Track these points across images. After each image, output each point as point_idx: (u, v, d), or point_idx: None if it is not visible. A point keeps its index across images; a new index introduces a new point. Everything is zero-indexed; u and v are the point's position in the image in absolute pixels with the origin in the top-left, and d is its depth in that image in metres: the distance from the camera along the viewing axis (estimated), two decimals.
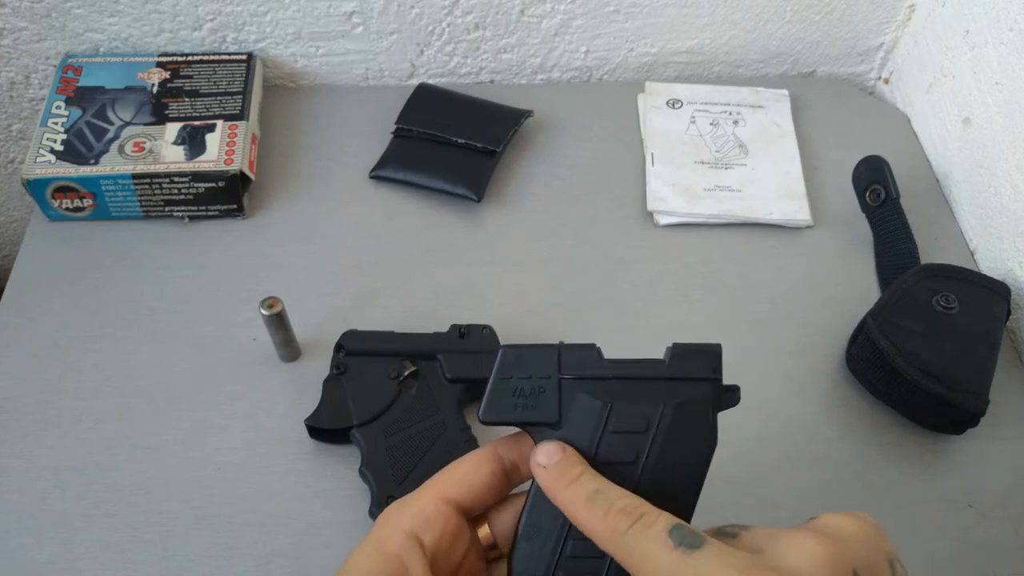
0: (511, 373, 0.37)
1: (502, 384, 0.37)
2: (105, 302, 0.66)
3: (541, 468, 0.35)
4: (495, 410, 0.37)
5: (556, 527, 0.35)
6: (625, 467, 0.35)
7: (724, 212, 0.74)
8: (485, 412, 0.37)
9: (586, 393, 0.36)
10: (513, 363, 0.37)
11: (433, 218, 0.73)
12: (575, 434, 0.36)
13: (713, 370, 0.37)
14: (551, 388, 0.37)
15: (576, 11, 0.80)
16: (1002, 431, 0.62)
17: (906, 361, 0.59)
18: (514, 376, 0.37)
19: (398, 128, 0.77)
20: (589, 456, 0.36)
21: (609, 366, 0.37)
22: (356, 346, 0.61)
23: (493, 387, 0.37)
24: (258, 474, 0.58)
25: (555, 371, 0.37)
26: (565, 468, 0.35)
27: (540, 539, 0.36)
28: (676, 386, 0.36)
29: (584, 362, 0.37)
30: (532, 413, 0.36)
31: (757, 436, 0.61)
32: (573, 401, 0.36)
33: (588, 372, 0.37)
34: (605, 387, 0.36)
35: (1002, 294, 0.64)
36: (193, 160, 0.69)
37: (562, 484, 0.34)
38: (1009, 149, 0.69)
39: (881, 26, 0.85)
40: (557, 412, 0.36)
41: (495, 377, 0.37)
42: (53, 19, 0.75)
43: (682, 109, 0.81)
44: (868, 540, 0.32)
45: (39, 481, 0.57)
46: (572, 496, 0.34)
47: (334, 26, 0.78)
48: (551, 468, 0.35)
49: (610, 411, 0.36)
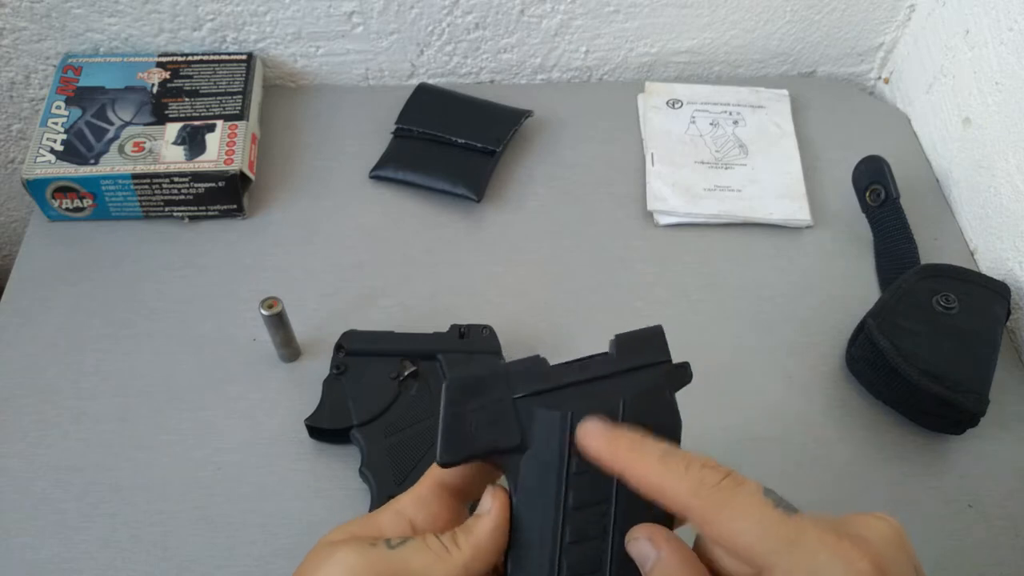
0: (461, 406, 0.34)
1: (454, 420, 0.34)
2: (105, 302, 0.66)
3: (597, 436, 0.33)
4: (453, 448, 0.34)
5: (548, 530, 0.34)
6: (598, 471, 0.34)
7: (724, 212, 0.74)
8: (443, 453, 0.34)
9: (543, 407, 0.35)
10: (460, 394, 0.35)
11: (433, 218, 0.73)
12: (541, 450, 0.34)
13: (661, 353, 0.36)
14: (506, 411, 0.35)
15: (576, 11, 0.80)
16: (1002, 431, 0.62)
17: (906, 361, 0.59)
18: (464, 407, 0.34)
19: (398, 128, 0.77)
20: (561, 471, 0.34)
21: (559, 374, 0.35)
22: (356, 346, 0.61)
23: (446, 424, 0.34)
24: (258, 474, 0.58)
25: (506, 393, 0.35)
26: (617, 435, 0.33)
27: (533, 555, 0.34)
28: (630, 377, 0.35)
29: (533, 376, 0.35)
30: (493, 442, 0.34)
31: (757, 436, 0.61)
32: (532, 419, 0.34)
33: (540, 386, 0.35)
34: (560, 396, 0.35)
35: (1002, 294, 0.64)
36: (193, 160, 0.69)
37: (625, 446, 0.32)
38: (1009, 149, 0.69)
39: (881, 26, 0.85)
40: (519, 434, 0.34)
41: (445, 413, 0.34)
42: (53, 19, 0.75)
43: (682, 109, 0.81)
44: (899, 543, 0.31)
45: (39, 481, 0.57)
46: (642, 455, 0.32)
47: (334, 26, 0.78)
48: (604, 434, 0.33)
49: (571, 419, 0.34)
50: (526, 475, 0.34)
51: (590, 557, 0.34)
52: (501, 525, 0.34)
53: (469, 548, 0.34)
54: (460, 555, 0.33)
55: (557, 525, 0.34)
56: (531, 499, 0.34)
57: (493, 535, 0.34)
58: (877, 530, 0.31)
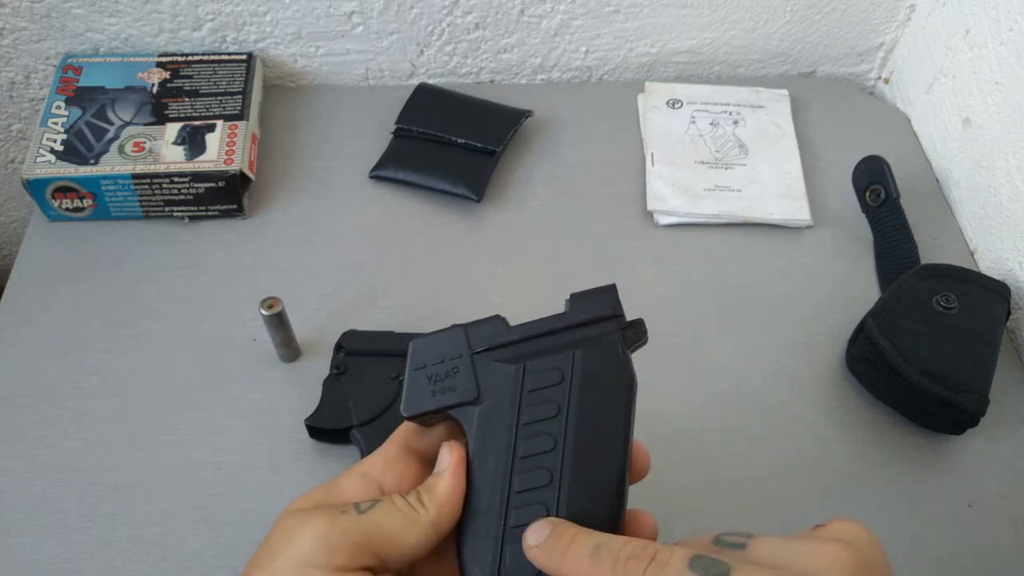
0: (423, 362, 0.37)
1: (417, 375, 0.36)
2: (105, 302, 0.66)
3: (534, 549, 0.33)
4: (414, 402, 0.36)
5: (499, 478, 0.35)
6: (550, 423, 0.35)
7: (724, 212, 0.74)
8: (405, 406, 0.36)
9: (499, 361, 0.36)
10: (423, 353, 0.37)
11: (433, 218, 0.73)
12: (495, 403, 0.36)
13: (612, 308, 0.37)
14: (465, 367, 0.36)
15: (576, 11, 0.80)
16: (1002, 431, 0.62)
17: (906, 361, 0.59)
18: (427, 365, 0.37)
19: (398, 128, 0.77)
20: (512, 422, 0.35)
21: (516, 330, 0.37)
22: (356, 346, 0.61)
23: (409, 381, 0.36)
24: (258, 474, 0.58)
25: (465, 349, 0.37)
26: (556, 537, 0.33)
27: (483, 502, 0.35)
28: (581, 331, 0.37)
29: (492, 334, 0.37)
30: (451, 396, 0.36)
31: (757, 436, 0.61)
32: (488, 373, 0.36)
33: (497, 341, 0.37)
34: (516, 351, 0.36)
35: (1002, 294, 0.64)
36: (193, 160, 0.69)
37: (559, 553, 0.32)
38: (1009, 149, 0.69)
39: (881, 26, 0.85)
40: (475, 388, 0.36)
41: (409, 370, 0.37)
42: (53, 19, 0.75)
43: (682, 109, 0.81)
44: (876, 546, 0.32)
45: (39, 481, 0.57)
46: (573, 559, 0.32)
47: (334, 26, 0.78)
48: (544, 544, 0.33)
49: (524, 371, 0.36)
50: (479, 426, 0.36)
51: (535, 506, 0.34)
52: (460, 479, 0.35)
53: (434, 507, 0.34)
54: (427, 514, 0.34)
55: (507, 473, 0.35)
56: (484, 449, 0.36)
57: (454, 490, 0.35)
58: (854, 533, 0.31)
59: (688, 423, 0.62)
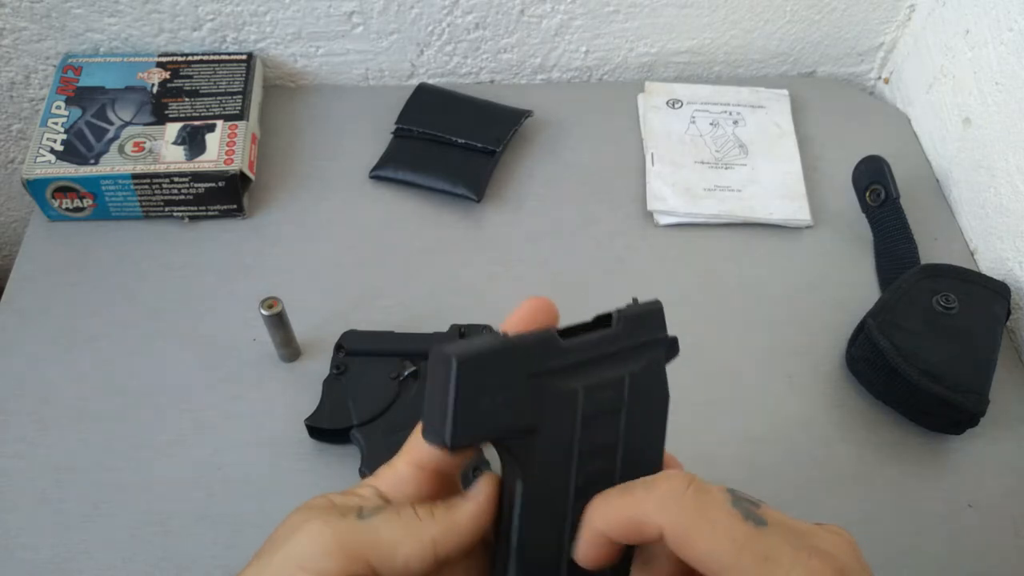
0: (473, 384, 0.31)
1: (467, 398, 0.31)
2: (105, 302, 0.66)
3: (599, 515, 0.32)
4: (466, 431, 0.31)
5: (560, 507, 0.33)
6: (606, 449, 0.34)
7: (724, 212, 0.74)
8: (456, 435, 0.30)
9: (555, 384, 0.33)
10: (474, 374, 0.31)
11: (433, 218, 0.73)
12: (555, 431, 0.33)
13: (660, 329, 0.36)
14: (521, 390, 0.32)
15: (576, 11, 0.80)
16: (1002, 431, 0.62)
17: (906, 361, 0.59)
18: (478, 387, 0.31)
19: (398, 128, 0.77)
20: (571, 450, 0.33)
21: (569, 350, 0.34)
22: (356, 346, 0.61)
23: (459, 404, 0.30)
24: (258, 474, 0.58)
25: (519, 370, 0.32)
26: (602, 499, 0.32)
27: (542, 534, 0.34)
28: (633, 353, 0.35)
29: (545, 353, 0.33)
30: (509, 424, 0.32)
31: (757, 436, 0.61)
32: (543, 397, 0.33)
33: (553, 364, 0.33)
34: (570, 373, 0.34)
35: (1002, 294, 0.64)
36: (193, 160, 0.69)
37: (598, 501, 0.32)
38: (1009, 149, 0.69)
39: (881, 26, 0.85)
40: (532, 415, 0.32)
41: (457, 392, 0.30)
42: (53, 19, 0.75)
43: (682, 109, 0.81)
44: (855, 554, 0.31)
45: (39, 481, 0.57)
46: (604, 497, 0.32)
47: (334, 26, 0.78)
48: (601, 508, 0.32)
49: (580, 396, 0.33)
50: (541, 454, 0.33)
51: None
52: (486, 511, 0.33)
53: (443, 524, 0.32)
54: (431, 528, 0.32)
55: (568, 503, 0.33)
56: (546, 477, 0.33)
57: (474, 519, 0.33)
58: (838, 546, 0.31)
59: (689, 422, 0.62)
